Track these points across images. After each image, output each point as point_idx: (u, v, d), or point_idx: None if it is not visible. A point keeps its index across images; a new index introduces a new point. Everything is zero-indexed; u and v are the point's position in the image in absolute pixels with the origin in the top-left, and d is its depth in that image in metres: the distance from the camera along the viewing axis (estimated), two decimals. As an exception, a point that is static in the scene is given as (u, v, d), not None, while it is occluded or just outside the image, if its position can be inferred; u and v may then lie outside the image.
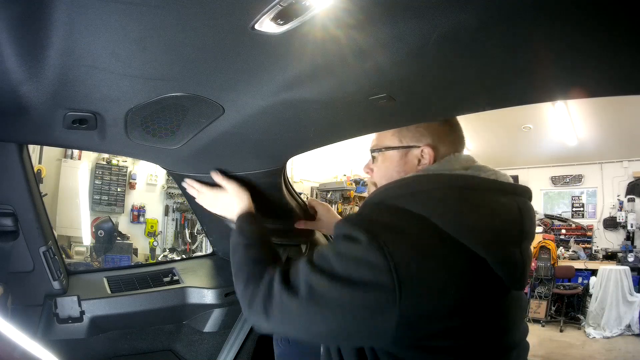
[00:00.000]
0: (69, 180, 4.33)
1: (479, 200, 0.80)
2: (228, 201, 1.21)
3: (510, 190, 0.85)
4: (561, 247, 6.28)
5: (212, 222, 1.67)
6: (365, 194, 6.12)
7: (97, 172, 4.67)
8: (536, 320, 5.31)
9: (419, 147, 0.94)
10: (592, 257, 6.13)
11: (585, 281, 5.58)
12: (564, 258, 6.08)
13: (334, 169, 7.13)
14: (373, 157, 1.00)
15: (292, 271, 0.82)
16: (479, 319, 0.75)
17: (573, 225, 6.69)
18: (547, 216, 6.92)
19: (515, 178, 6.90)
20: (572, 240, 6.46)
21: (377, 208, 0.85)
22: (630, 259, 5.45)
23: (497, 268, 0.76)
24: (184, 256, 4.94)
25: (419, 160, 0.93)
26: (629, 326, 4.75)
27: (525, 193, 0.88)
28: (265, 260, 0.96)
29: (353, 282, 0.72)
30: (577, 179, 6.78)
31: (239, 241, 1.05)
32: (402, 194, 0.83)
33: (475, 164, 0.92)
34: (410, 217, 0.77)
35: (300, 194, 2.55)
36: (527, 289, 5.59)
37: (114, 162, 4.73)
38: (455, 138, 0.97)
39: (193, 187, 1.31)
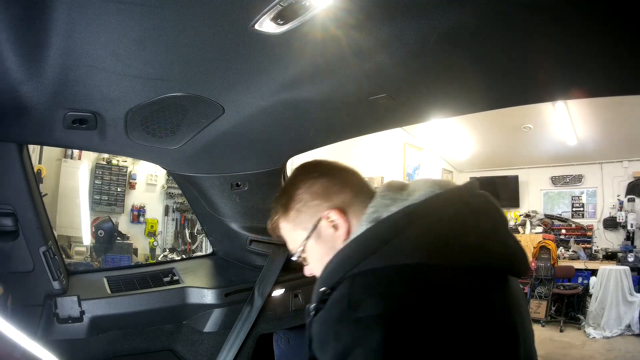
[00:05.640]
0: (69, 180, 4.31)
1: None
2: None
3: None
4: (561, 247, 6.27)
5: (212, 222, 1.67)
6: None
7: (97, 172, 4.66)
8: (536, 320, 5.30)
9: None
10: (592, 257, 6.13)
11: (585, 281, 5.57)
12: (564, 258, 6.07)
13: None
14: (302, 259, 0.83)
15: None
16: None
17: (573, 225, 6.69)
18: (547, 216, 6.91)
19: (516, 178, 6.84)
20: (572, 240, 6.45)
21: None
22: (630, 259, 5.44)
23: None
24: (184, 256, 4.93)
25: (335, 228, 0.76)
26: (629, 326, 4.74)
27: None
28: None
29: None
30: (577, 179, 6.77)
31: None
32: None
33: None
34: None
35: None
36: (527, 289, 5.59)
37: (114, 162, 4.72)
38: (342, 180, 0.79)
39: None
